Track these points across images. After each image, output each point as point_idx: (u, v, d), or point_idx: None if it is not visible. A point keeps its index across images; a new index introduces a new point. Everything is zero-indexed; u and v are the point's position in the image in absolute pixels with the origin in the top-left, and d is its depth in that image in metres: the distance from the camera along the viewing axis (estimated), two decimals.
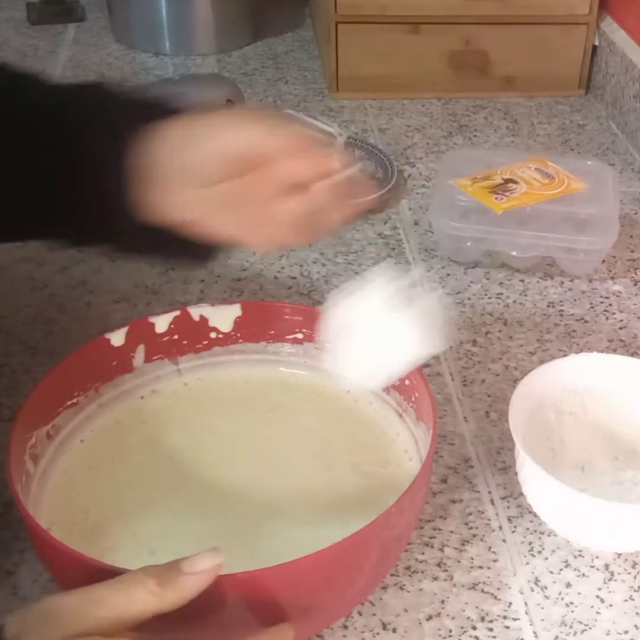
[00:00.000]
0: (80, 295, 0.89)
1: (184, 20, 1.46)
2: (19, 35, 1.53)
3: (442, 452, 0.73)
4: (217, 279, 0.93)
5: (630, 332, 0.87)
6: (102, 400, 0.69)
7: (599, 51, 1.33)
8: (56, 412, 0.65)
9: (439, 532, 0.67)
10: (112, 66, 1.42)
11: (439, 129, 1.25)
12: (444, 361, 0.83)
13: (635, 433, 0.71)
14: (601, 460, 0.70)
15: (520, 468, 0.66)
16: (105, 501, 0.63)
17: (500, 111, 1.30)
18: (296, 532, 0.60)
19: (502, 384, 0.80)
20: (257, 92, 1.33)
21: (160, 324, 0.71)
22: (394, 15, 1.27)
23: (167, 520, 0.61)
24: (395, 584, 0.63)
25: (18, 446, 0.59)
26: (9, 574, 0.62)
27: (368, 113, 1.29)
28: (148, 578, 0.46)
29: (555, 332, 0.87)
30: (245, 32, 1.51)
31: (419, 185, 1.11)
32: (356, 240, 1.00)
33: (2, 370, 0.80)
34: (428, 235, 1.01)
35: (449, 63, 1.32)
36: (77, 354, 0.66)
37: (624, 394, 0.71)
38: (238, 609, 0.51)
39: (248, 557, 0.56)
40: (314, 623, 0.58)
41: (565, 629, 0.60)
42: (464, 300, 0.91)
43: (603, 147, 1.21)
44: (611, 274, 0.95)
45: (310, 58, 1.46)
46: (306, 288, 0.92)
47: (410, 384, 0.66)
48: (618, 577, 0.64)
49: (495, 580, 0.63)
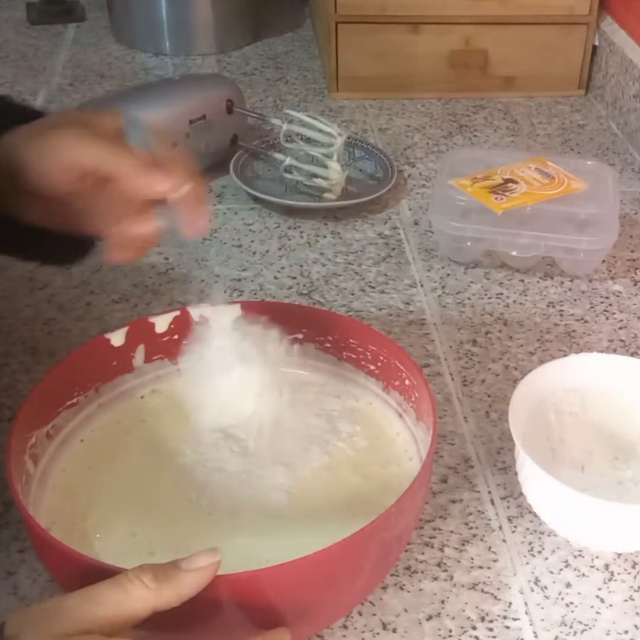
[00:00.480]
0: (80, 295, 0.90)
1: (184, 20, 1.46)
2: (19, 35, 1.53)
3: (442, 452, 0.73)
4: (217, 279, 0.93)
5: (630, 332, 0.87)
6: (102, 400, 0.69)
7: (599, 51, 1.33)
8: (56, 412, 0.65)
9: (439, 532, 0.67)
10: (112, 66, 1.42)
11: (439, 129, 1.25)
12: (444, 361, 0.83)
13: (635, 433, 0.71)
14: (601, 460, 0.70)
15: (520, 468, 0.66)
16: (105, 501, 0.62)
17: (500, 111, 1.30)
18: (296, 532, 0.60)
19: (502, 384, 0.80)
20: (257, 92, 1.33)
21: (160, 324, 0.71)
22: (394, 15, 1.28)
23: (167, 520, 0.61)
24: (395, 584, 0.63)
25: (18, 446, 0.59)
26: (9, 574, 0.62)
27: (368, 113, 1.29)
28: (144, 574, 0.47)
29: (555, 332, 0.87)
30: (245, 32, 1.51)
31: (419, 185, 1.11)
32: (356, 240, 1.00)
33: (2, 370, 0.80)
34: (428, 235, 1.01)
35: (449, 63, 1.32)
36: (77, 354, 0.66)
37: (623, 393, 0.71)
38: (238, 609, 0.51)
39: (248, 557, 0.56)
40: (314, 623, 0.57)
41: (565, 629, 0.60)
42: (464, 300, 0.91)
43: (603, 147, 1.21)
44: (611, 274, 0.95)
45: (310, 58, 1.46)
46: (306, 288, 0.92)
47: (410, 384, 0.66)
48: (618, 577, 0.64)
49: (495, 580, 0.63)
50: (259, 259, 0.96)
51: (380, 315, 0.88)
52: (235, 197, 1.07)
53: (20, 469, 0.59)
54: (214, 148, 1.09)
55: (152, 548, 0.59)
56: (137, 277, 0.92)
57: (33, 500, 0.60)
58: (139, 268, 0.93)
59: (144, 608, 0.46)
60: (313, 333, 0.72)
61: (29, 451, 0.61)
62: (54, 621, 0.45)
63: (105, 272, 0.93)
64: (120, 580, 0.47)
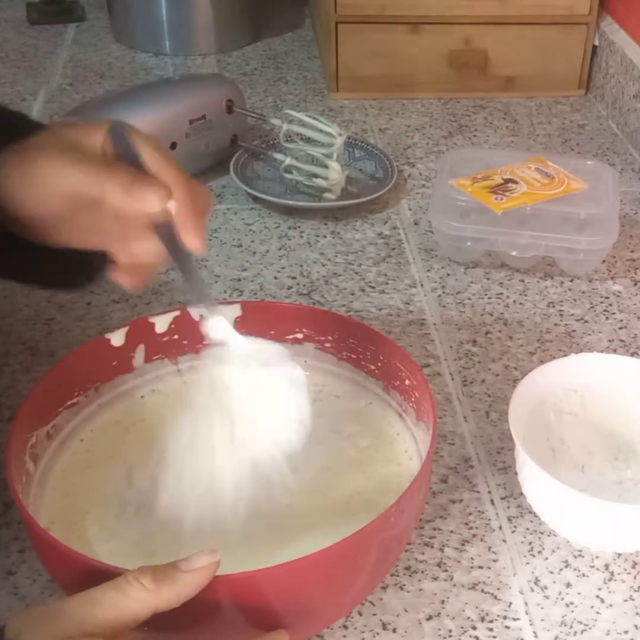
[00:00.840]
0: (80, 295, 0.90)
1: (184, 20, 1.46)
2: (19, 35, 1.53)
3: (442, 452, 0.73)
4: (217, 279, 0.93)
5: (630, 332, 0.87)
6: (102, 400, 0.69)
7: (599, 51, 1.33)
8: (56, 412, 0.65)
9: (439, 532, 0.67)
10: (112, 66, 1.42)
11: (439, 129, 1.25)
12: (444, 361, 0.83)
13: (635, 433, 0.71)
14: (601, 460, 0.70)
15: (520, 468, 0.66)
16: (105, 500, 0.62)
17: (500, 111, 1.30)
18: (296, 532, 0.60)
19: (502, 384, 0.80)
20: (257, 92, 1.33)
21: (160, 324, 0.71)
22: (394, 15, 1.28)
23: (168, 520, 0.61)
24: (395, 584, 0.63)
25: (18, 446, 0.59)
26: (9, 574, 0.62)
27: (368, 113, 1.29)
28: (143, 576, 0.47)
29: (555, 332, 0.87)
30: (245, 32, 1.51)
31: (419, 185, 1.11)
32: (356, 240, 1.00)
33: (2, 370, 0.80)
34: (428, 235, 1.01)
35: (449, 63, 1.32)
36: (77, 354, 0.66)
37: (623, 393, 0.71)
38: (238, 610, 0.51)
39: (248, 557, 0.56)
40: (314, 623, 0.57)
41: (565, 629, 0.60)
42: (464, 300, 0.91)
43: (603, 147, 1.21)
44: (611, 274, 0.95)
45: (310, 58, 1.46)
46: (306, 288, 0.92)
47: (410, 384, 0.66)
48: (618, 577, 0.64)
49: (495, 580, 0.63)
50: (259, 259, 0.96)
51: (380, 315, 0.88)
52: (235, 197, 1.07)
53: (20, 469, 0.58)
54: (214, 148, 1.09)
55: (153, 548, 0.59)
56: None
57: (33, 500, 0.60)
58: None
59: (144, 609, 0.46)
60: (313, 333, 0.72)
61: (29, 451, 0.61)
62: (54, 623, 0.45)
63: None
64: (119, 582, 0.47)
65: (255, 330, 0.73)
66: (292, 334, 0.72)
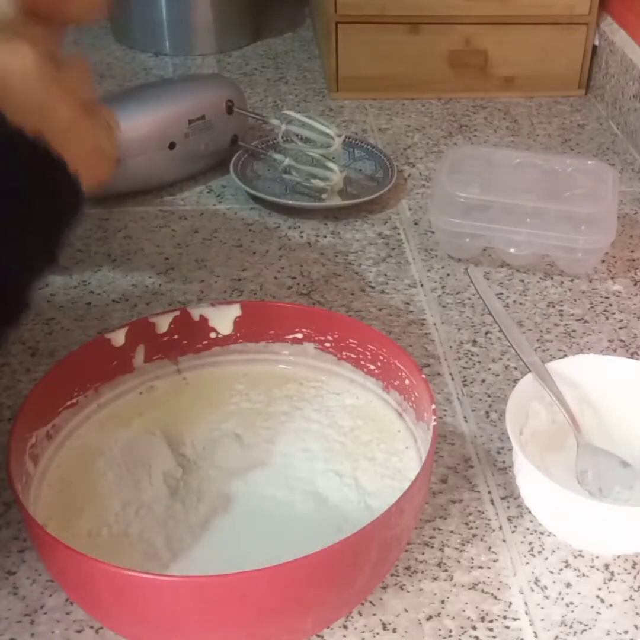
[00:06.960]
0: (80, 295, 0.90)
1: (184, 20, 1.46)
2: None
3: (442, 452, 0.73)
4: (217, 279, 0.93)
5: (630, 332, 0.87)
6: (102, 400, 0.69)
7: (599, 51, 1.33)
8: (56, 412, 0.65)
9: (439, 532, 0.67)
10: (112, 66, 1.42)
11: (439, 129, 1.25)
12: (444, 361, 0.83)
13: (635, 434, 0.71)
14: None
15: (518, 470, 0.66)
16: (103, 499, 0.62)
17: (500, 111, 1.30)
18: (296, 531, 0.60)
19: (502, 384, 0.80)
20: (257, 92, 1.33)
21: (160, 324, 0.71)
22: (394, 15, 1.28)
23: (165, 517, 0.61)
24: (395, 584, 0.63)
25: (18, 446, 0.59)
26: (9, 574, 0.62)
27: (368, 113, 1.29)
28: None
29: (555, 332, 0.87)
30: (245, 32, 1.51)
31: (419, 185, 1.11)
32: (356, 240, 1.00)
33: (2, 370, 0.80)
34: (428, 235, 1.01)
35: (449, 63, 1.32)
36: (77, 354, 0.66)
37: (623, 394, 0.71)
38: (237, 610, 0.51)
39: (247, 556, 0.56)
40: (314, 623, 0.57)
41: (565, 629, 0.60)
42: (464, 300, 0.91)
43: (603, 147, 1.21)
44: (611, 274, 0.95)
45: (310, 58, 1.46)
46: (306, 288, 0.92)
47: (410, 383, 0.66)
48: (618, 577, 0.64)
49: (495, 580, 0.63)
50: (259, 259, 0.96)
51: (380, 315, 0.88)
52: (235, 197, 1.07)
53: (20, 469, 0.58)
54: (213, 148, 1.09)
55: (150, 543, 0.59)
56: (137, 277, 0.92)
57: (33, 501, 0.60)
58: (139, 268, 0.93)
59: None
60: (313, 333, 0.72)
61: (29, 451, 0.61)
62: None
63: (105, 272, 0.93)
64: None
65: (255, 330, 0.73)
66: (292, 333, 0.72)
